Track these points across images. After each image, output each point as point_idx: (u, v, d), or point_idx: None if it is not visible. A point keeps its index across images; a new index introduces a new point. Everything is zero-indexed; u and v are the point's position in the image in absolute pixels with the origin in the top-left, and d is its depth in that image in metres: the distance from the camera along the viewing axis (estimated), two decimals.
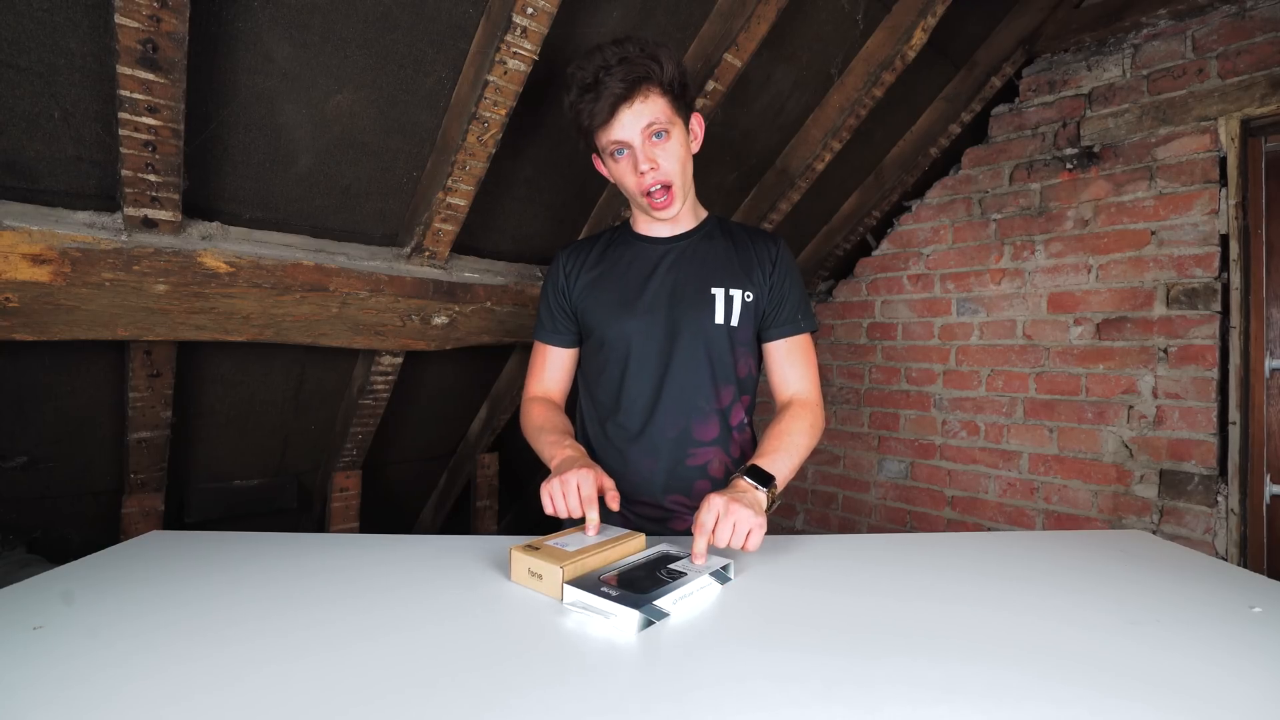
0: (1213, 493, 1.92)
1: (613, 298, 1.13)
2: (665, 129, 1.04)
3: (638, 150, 1.04)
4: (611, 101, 1.00)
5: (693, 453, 1.12)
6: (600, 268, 1.16)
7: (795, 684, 0.56)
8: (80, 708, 0.50)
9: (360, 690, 0.53)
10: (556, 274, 1.18)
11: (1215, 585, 0.83)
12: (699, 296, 1.12)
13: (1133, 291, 2.09)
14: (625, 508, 1.11)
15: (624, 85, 1.00)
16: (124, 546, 0.89)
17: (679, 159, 1.06)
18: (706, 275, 1.13)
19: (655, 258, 1.15)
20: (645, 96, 1.02)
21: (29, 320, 1.12)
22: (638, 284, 1.13)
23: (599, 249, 1.18)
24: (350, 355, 1.68)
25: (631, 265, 1.15)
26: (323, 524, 1.96)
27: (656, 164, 1.04)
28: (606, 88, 1.00)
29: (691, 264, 1.14)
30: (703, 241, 1.16)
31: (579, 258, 1.18)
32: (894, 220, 2.73)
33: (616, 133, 1.03)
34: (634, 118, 1.02)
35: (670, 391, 1.11)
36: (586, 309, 1.15)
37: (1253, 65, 1.87)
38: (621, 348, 1.12)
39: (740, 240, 1.18)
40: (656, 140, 1.04)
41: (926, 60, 2.02)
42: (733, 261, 1.14)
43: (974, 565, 0.90)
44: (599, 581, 0.73)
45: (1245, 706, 0.54)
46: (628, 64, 1.00)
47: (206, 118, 1.15)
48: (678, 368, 1.11)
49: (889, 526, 2.70)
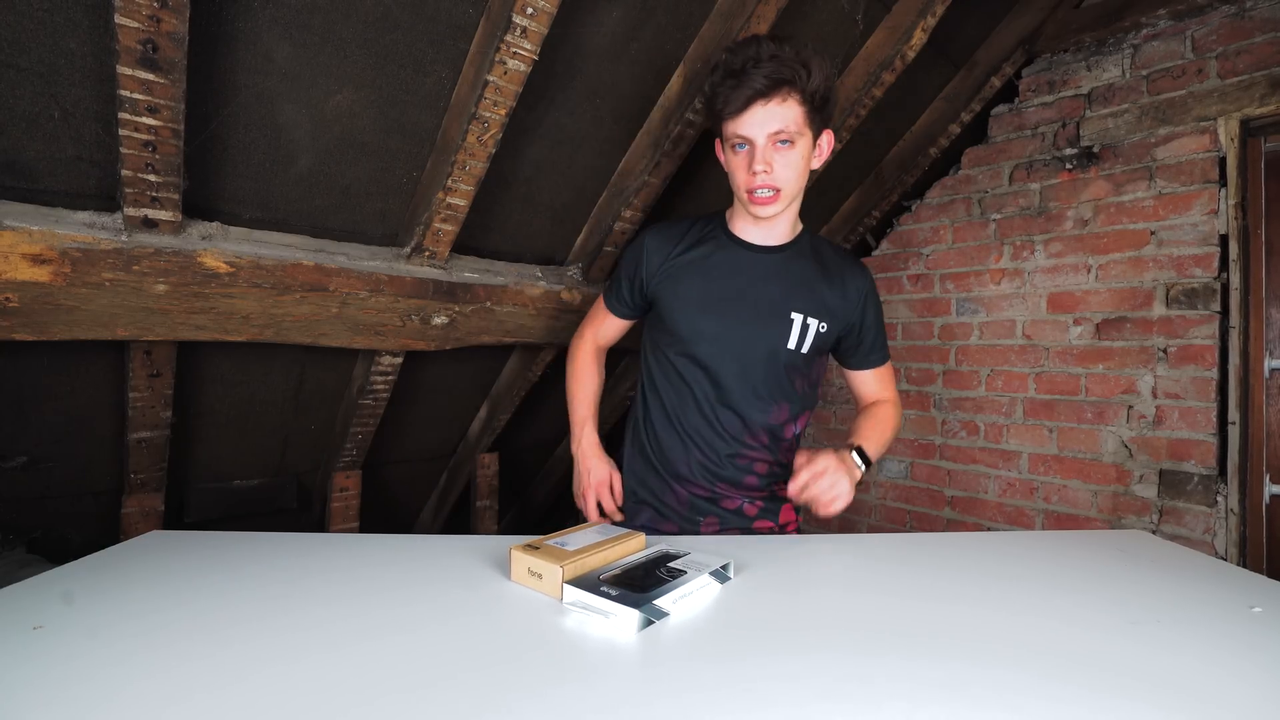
0: (1212, 493, 1.92)
1: (695, 295, 1.14)
2: (792, 138, 1.03)
3: (758, 150, 1.03)
4: (749, 95, 1.00)
5: (743, 454, 1.16)
6: (688, 260, 1.16)
7: (795, 683, 0.56)
8: (80, 708, 0.50)
9: (360, 690, 0.53)
10: (640, 254, 1.19)
11: (1215, 585, 0.83)
12: (777, 317, 1.13)
13: (1132, 291, 2.09)
14: (678, 485, 1.18)
15: (766, 82, 1.00)
16: (124, 546, 0.89)
17: (796, 170, 1.06)
18: (790, 297, 1.14)
19: (745, 266, 1.15)
20: (783, 99, 1.01)
21: (29, 320, 1.11)
22: (722, 288, 1.14)
23: (690, 239, 1.18)
24: (350, 355, 1.68)
25: (720, 267, 1.15)
26: (323, 524, 1.95)
27: (771, 168, 1.04)
28: (749, 79, 1.00)
29: (778, 282, 1.14)
30: (794, 260, 1.16)
31: (667, 243, 1.18)
32: (894, 220, 2.73)
33: (744, 127, 1.03)
34: (765, 118, 1.02)
35: (729, 398, 1.14)
36: (665, 297, 1.16)
37: (1252, 65, 1.87)
38: (692, 346, 1.14)
39: (830, 267, 1.18)
40: (780, 146, 1.04)
41: (926, 60, 2.02)
42: (818, 288, 1.15)
43: (974, 565, 0.90)
44: (599, 581, 0.73)
45: (1245, 706, 0.54)
46: (777, 62, 1.00)
47: (206, 118, 1.15)
48: (741, 379, 1.14)
49: (889, 526, 2.71)
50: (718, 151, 1.14)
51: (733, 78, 1.01)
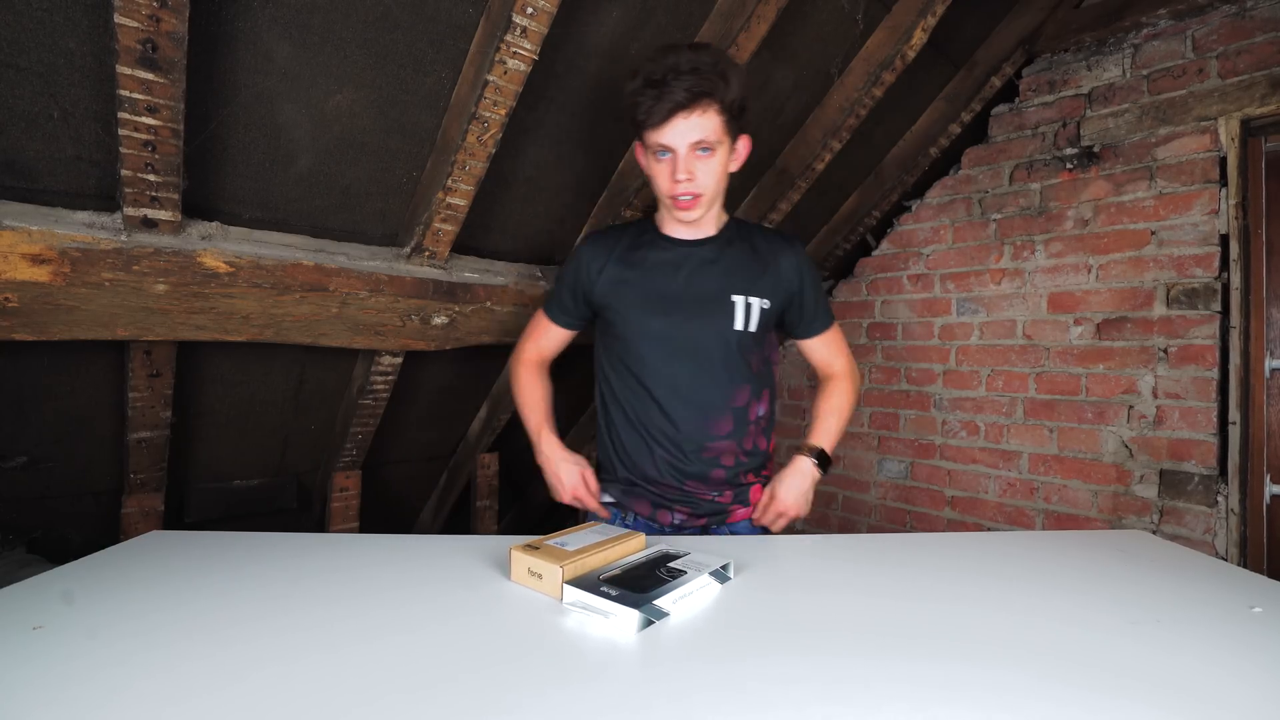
0: (1213, 493, 1.92)
1: (638, 296, 1.18)
2: (712, 146, 1.08)
3: (680, 158, 1.07)
4: (670, 107, 1.03)
5: (708, 446, 1.18)
6: (626, 264, 1.20)
7: (795, 684, 0.56)
8: (80, 708, 0.50)
9: (361, 690, 0.53)
10: (580, 263, 1.23)
11: (1215, 585, 0.83)
12: (720, 304, 1.17)
13: (1133, 291, 2.09)
14: (647, 488, 1.20)
15: (687, 95, 1.03)
16: (124, 546, 0.89)
17: (716, 175, 1.11)
18: (728, 283, 1.18)
19: (680, 261, 1.20)
20: (704, 111, 1.05)
21: (29, 320, 1.11)
22: (663, 286, 1.18)
23: (625, 244, 1.22)
24: (350, 355, 1.68)
25: (657, 266, 1.20)
26: (323, 524, 1.95)
27: (693, 176, 1.09)
28: (670, 91, 1.03)
29: (714, 270, 1.19)
30: (725, 248, 1.21)
31: (605, 250, 1.22)
32: (894, 220, 2.73)
33: (666, 137, 1.07)
34: (686, 129, 1.05)
35: (689, 391, 1.17)
36: (610, 303, 1.20)
37: (1253, 65, 1.87)
38: (644, 345, 1.18)
39: (760, 245, 1.23)
40: (701, 154, 1.08)
41: (926, 60, 2.02)
42: (753, 270, 1.20)
43: (974, 565, 0.90)
44: (599, 581, 0.73)
45: (1245, 706, 0.54)
46: (698, 75, 1.03)
47: (206, 118, 1.15)
48: (697, 368, 1.17)
49: (889, 526, 2.70)
50: (638, 155, 1.18)
51: (653, 88, 1.04)
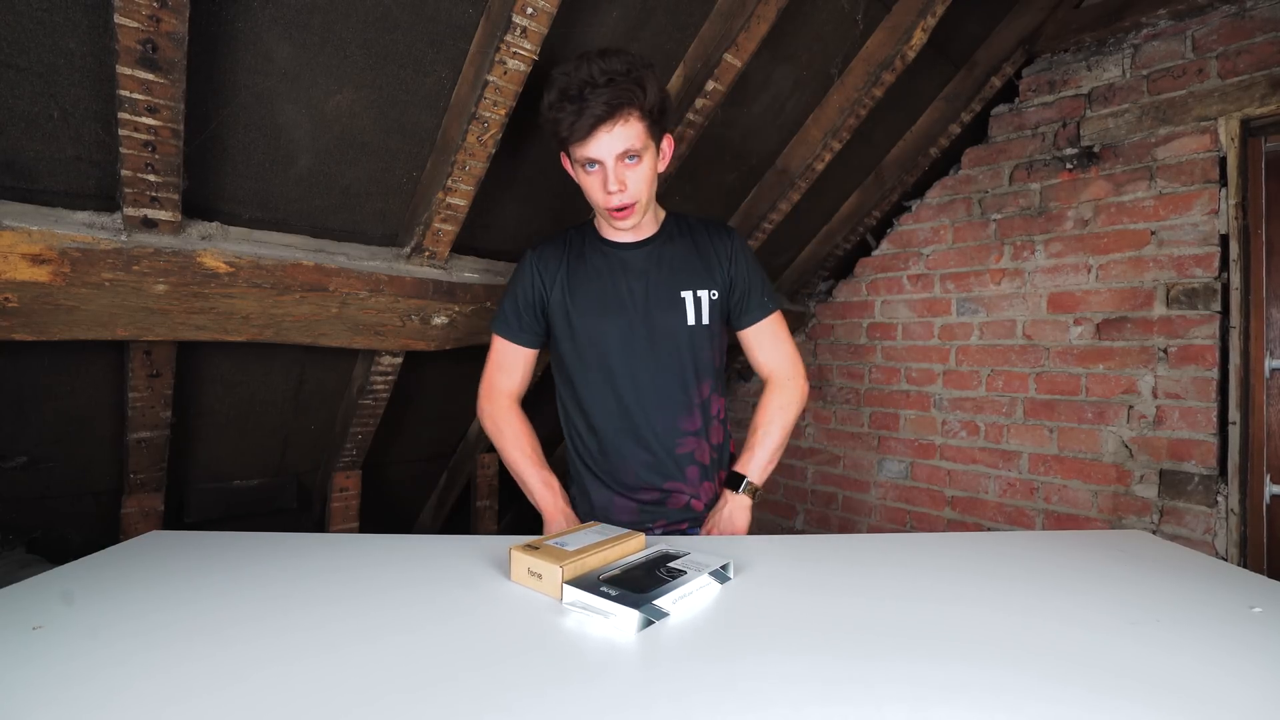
0: (1213, 493, 1.92)
1: (591, 301, 1.19)
2: (638, 153, 1.08)
3: (609, 170, 1.07)
4: (591, 122, 1.03)
5: (680, 442, 1.19)
6: (574, 271, 1.21)
7: (795, 684, 0.56)
8: (80, 708, 0.50)
9: (361, 690, 0.53)
10: (528, 274, 1.22)
11: (1215, 585, 0.83)
12: (670, 301, 1.18)
13: (1133, 291, 2.09)
14: (628, 495, 1.20)
15: (606, 108, 1.02)
16: (124, 546, 0.89)
17: (646, 180, 1.11)
18: (674, 280, 1.20)
19: (626, 264, 1.21)
20: (625, 120, 1.04)
21: (29, 320, 1.11)
22: (613, 289, 1.19)
23: (571, 251, 1.23)
24: (350, 355, 1.68)
25: (604, 270, 1.20)
26: (323, 524, 1.95)
27: (625, 186, 1.09)
28: (589, 106, 1.02)
29: (659, 269, 1.20)
30: (665, 246, 1.22)
31: (552, 259, 1.22)
32: (894, 220, 2.73)
33: (591, 151, 1.06)
34: (610, 140, 1.05)
35: (655, 390, 1.18)
36: (566, 311, 1.20)
37: (1253, 65, 1.87)
38: (605, 350, 1.18)
39: (699, 238, 1.24)
40: (629, 163, 1.08)
41: (926, 60, 2.02)
42: (695, 263, 1.21)
43: (974, 565, 0.90)
44: (598, 581, 0.73)
45: (1245, 706, 0.54)
46: (614, 87, 1.02)
47: (206, 118, 1.15)
48: (659, 368, 1.18)
49: (889, 526, 2.70)
50: (565, 165, 1.17)
51: (572, 103, 1.03)
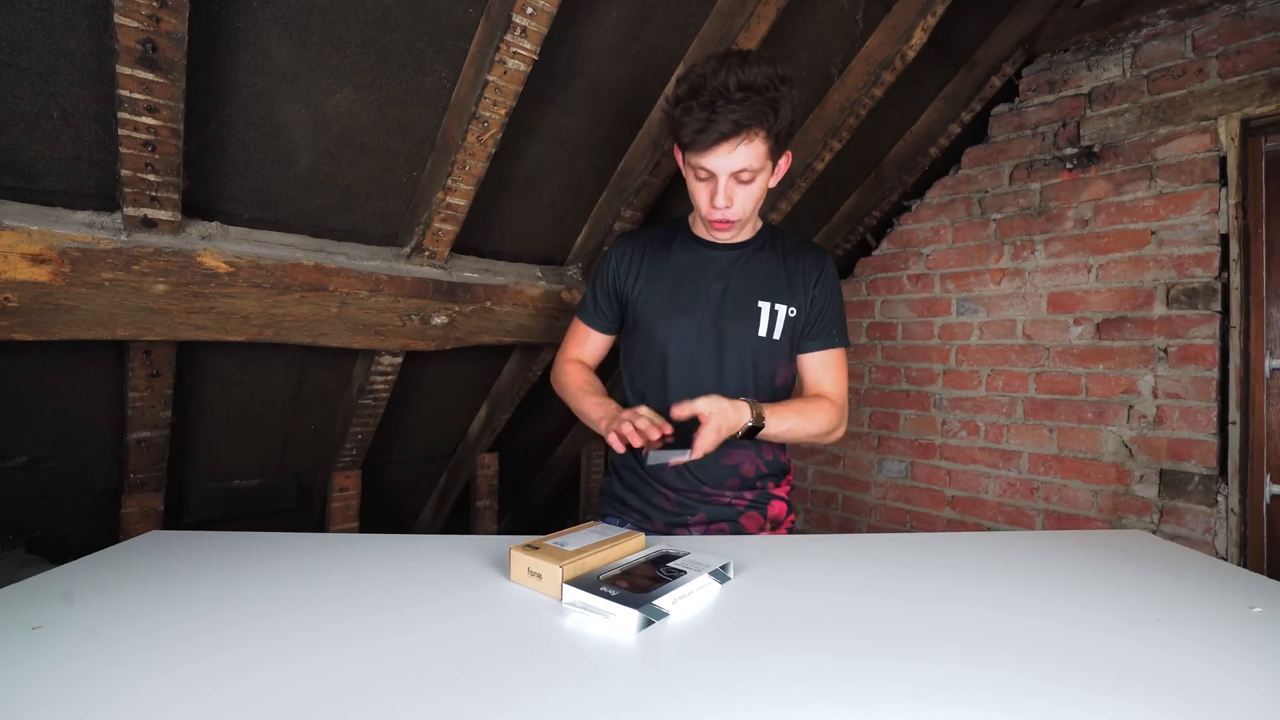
0: (1213, 492, 1.92)
1: (665, 296, 1.17)
2: (754, 173, 1.04)
3: (720, 185, 1.04)
4: (716, 137, 0.99)
5: (727, 453, 1.15)
6: (657, 264, 1.20)
7: (795, 684, 0.56)
8: (80, 708, 0.50)
9: (360, 690, 0.53)
10: (610, 261, 1.22)
11: (1215, 585, 0.83)
12: (746, 308, 1.16)
13: (1133, 291, 2.09)
14: (664, 489, 1.18)
15: (734, 126, 0.98)
16: (124, 546, 0.89)
17: (755, 199, 1.09)
18: (756, 288, 1.17)
19: (710, 264, 1.18)
20: (750, 141, 1.01)
21: (29, 320, 1.11)
22: (691, 287, 1.17)
23: (656, 243, 1.22)
24: (350, 355, 1.68)
25: (687, 267, 1.18)
26: (323, 524, 1.95)
27: (733, 202, 1.06)
28: (717, 120, 0.97)
29: (744, 275, 1.18)
30: (756, 253, 1.20)
31: (635, 249, 1.22)
32: (894, 220, 2.73)
33: (708, 163, 1.03)
34: (729, 157, 1.01)
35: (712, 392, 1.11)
36: (638, 302, 1.19)
37: (1253, 65, 1.87)
38: (668, 346, 1.16)
39: (790, 253, 1.21)
40: (742, 182, 1.05)
41: (926, 60, 2.02)
42: (781, 276, 1.18)
43: (974, 565, 0.90)
44: (598, 581, 0.73)
45: (1245, 706, 0.54)
46: (747, 105, 0.97)
47: (206, 118, 1.15)
48: (723, 375, 1.15)
49: (889, 526, 2.70)
50: (677, 158, 1.13)
51: (701, 110, 0.98)
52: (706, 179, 1.06)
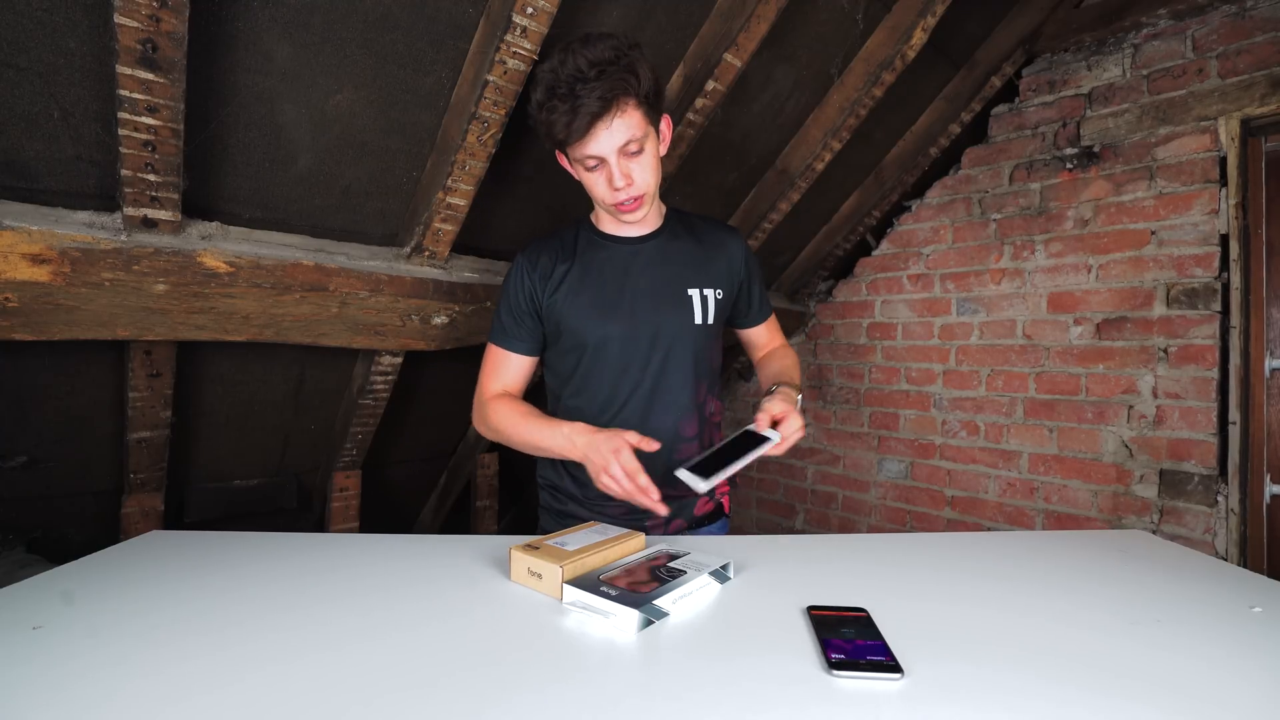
0: (1213, 492, 1.92)
1: (591, 300, 1.11)
2: (640, 143, 1.02)
3: (612, 165, 1.02)
4: (588, 120, 0.97)
5: (680, 449, 1.14)
6: (572, 269, 1.13)
7: (794, 684, 0.56)
8: (80, 708, 0.50)
9: (360, 690, 0.53)
10: (521, 277, 1.14)
11: (1215, 585, 0.83)
12: (678, 299, 1.13)
13: (1133, 291, 2.09)
14: (624, 505, 1.10)
15: (601, 103, 0.96)
16: (124, 546, 0.89)
17: (651, 169, 1.06)
18: (682, 276, 1.15)
19: (628, 259, 1.15)
20: (623, 112, 0.98)
21: (29, 320, 1.11)
22: (615, 287, 1.12)
23: (564, 248, 1.15)
24: (350, 355, 1.68)
25: (605, 267, 1.14)
26: (323, 524, 1.96)
27: (631, 180, 1.03)
28: (583, 103, 0.95)
29: (665, 265, 1.15)
30: (671, 241, 1.18)
31: (544, 258, 1.14)
32: (894, 220, 2.73)
33: (592, 149, 1.00)
34: (610, 135, 0.99)
35: (660, 393, 1.13)
36: (562, 312, 1.12)
37: (1253, 65, 1.87)
38: (606, 352, 1.11)
39: (704, 236, 1.20)
40: (632, 155, 1.02)
41: (926, 60, 2.02)
42: (700, 261, 1.18)
43: (974, 565, 0.90)
44: (598, 581, 0.73)
45: (1245, 706, 0.54)
46: (606, 79, 0.95)
47: (206, 118, 1.15)
48: (666, 370, 1.13)
49: (889, 526, 2.71)
50: (562, 163, 1.10)
51: (564, 101, 0.96)
52: (596, 166, 1.03)
